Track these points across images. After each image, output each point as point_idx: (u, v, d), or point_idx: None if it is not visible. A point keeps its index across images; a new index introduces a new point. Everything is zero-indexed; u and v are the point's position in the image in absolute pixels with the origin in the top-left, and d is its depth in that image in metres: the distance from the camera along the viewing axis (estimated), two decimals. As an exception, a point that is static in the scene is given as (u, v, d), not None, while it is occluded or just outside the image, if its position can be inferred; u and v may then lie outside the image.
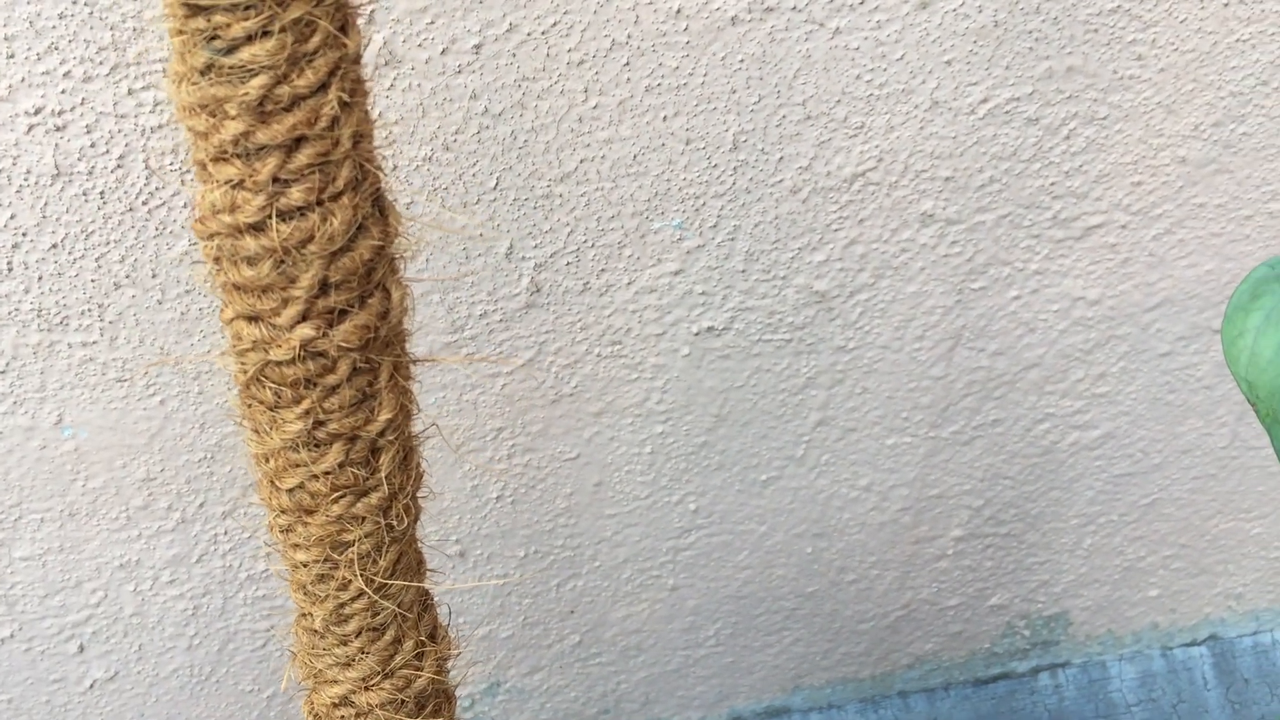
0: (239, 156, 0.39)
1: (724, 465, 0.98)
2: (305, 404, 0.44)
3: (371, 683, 0.52)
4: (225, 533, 0.88)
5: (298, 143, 0.39)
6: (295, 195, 0.39)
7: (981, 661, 1.23)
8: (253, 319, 0.42)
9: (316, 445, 0.45)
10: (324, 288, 0.41)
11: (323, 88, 0.38)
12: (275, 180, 0.39)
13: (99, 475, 0.83)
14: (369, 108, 0.42)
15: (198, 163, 0.40)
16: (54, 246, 0.72)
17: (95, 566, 0.88)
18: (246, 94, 0.37)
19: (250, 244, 0.40)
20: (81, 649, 0.92)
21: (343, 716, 0.53)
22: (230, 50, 0.37)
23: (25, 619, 0.89)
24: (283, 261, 0.40)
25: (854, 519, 1.06)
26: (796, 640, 1.15)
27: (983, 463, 1.05)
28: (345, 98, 0.39)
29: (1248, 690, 1.29)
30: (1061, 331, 0.97)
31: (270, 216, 0.39)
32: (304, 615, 0.51)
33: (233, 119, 0.38)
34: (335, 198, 0.40)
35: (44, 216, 0.71)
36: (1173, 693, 1.27)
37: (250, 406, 0.45)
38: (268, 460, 0.46)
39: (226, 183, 0.39)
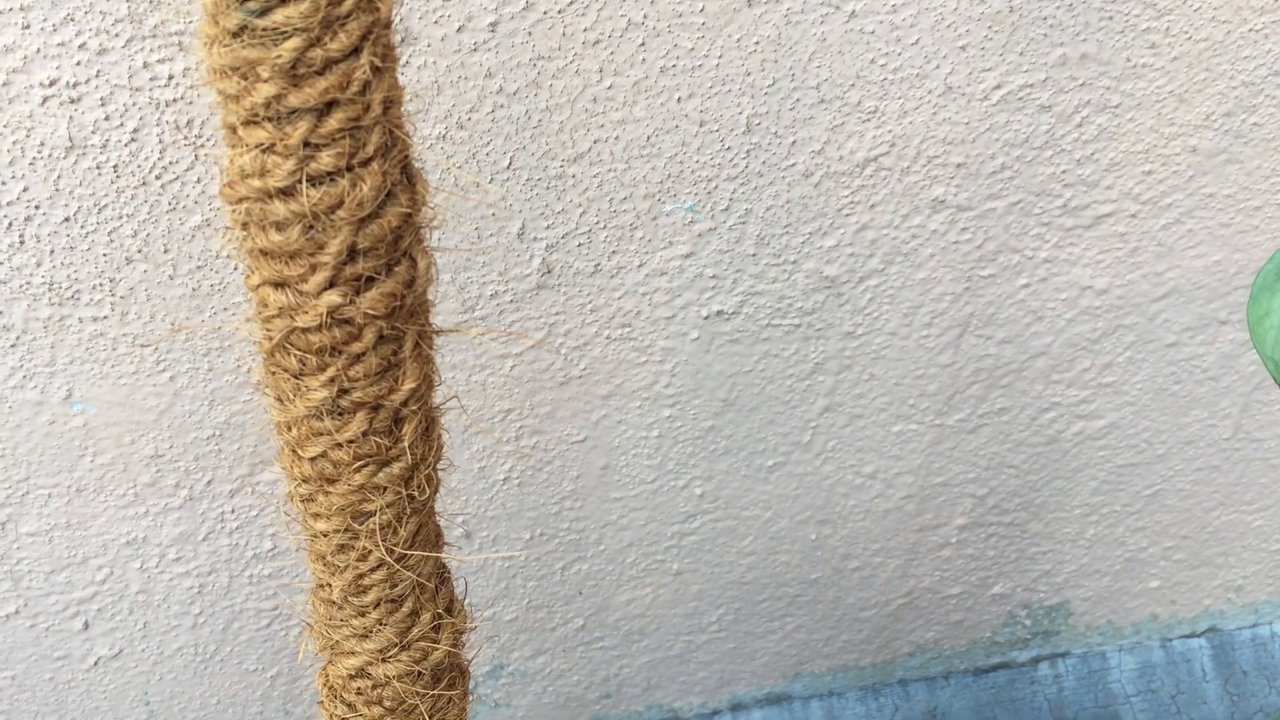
0: (270, 120, 0.39)
1: (730, 450, 0.98)
2: (330, 371, 0.44)
3: (389, 655, 0.52)
4: (232, 511, 0.88)
5: (329, 107, 0.39)
6: (325, 160, 0.39)
7: (982, 650, 1.23)
8: (279, 285, 0.42)
9: (340, 413, 0.45)
10: (352, 254, 0.41)
11: (355, 52, 0.38)
12: (306, 144, 0.39)
13: (107, 451, 0.83)
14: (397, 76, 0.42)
15: (227, 126, 0.40)
16: (66, 220, 0.72)
17: (102, 543, 0.88)
18: (279, 56, 0.37)
19: (279, 209, 0.40)
20: (86, 626, 0.92)
21: (359, 688, 0.53)
22: (264, 12, 0.37)
23: (30, 595, 0.89)
24: (311, 227, 0.40)
25: (858, 506, 1.06)
26: (798, 627, 1.15)
27: (988, 451, 1.05)
28: (377, 62, 0.39)
29: (1246, 682, 1.29)
30: (1069, 320, 0.97)
31: (300, 181, 0.39)
32: (322, 586, 0.51)
33: (265, 82, 0.38)
34: (365, 163, 0.40)
35: (57, 189, 0.71)
36: (1171, 684, 1.28)
37: (274, 374, 0.45)
38: (290, 429, 0.46)
39: (257, 146, 0.39)
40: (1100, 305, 0.97)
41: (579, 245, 0.82)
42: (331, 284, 0.41)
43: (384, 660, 0.52)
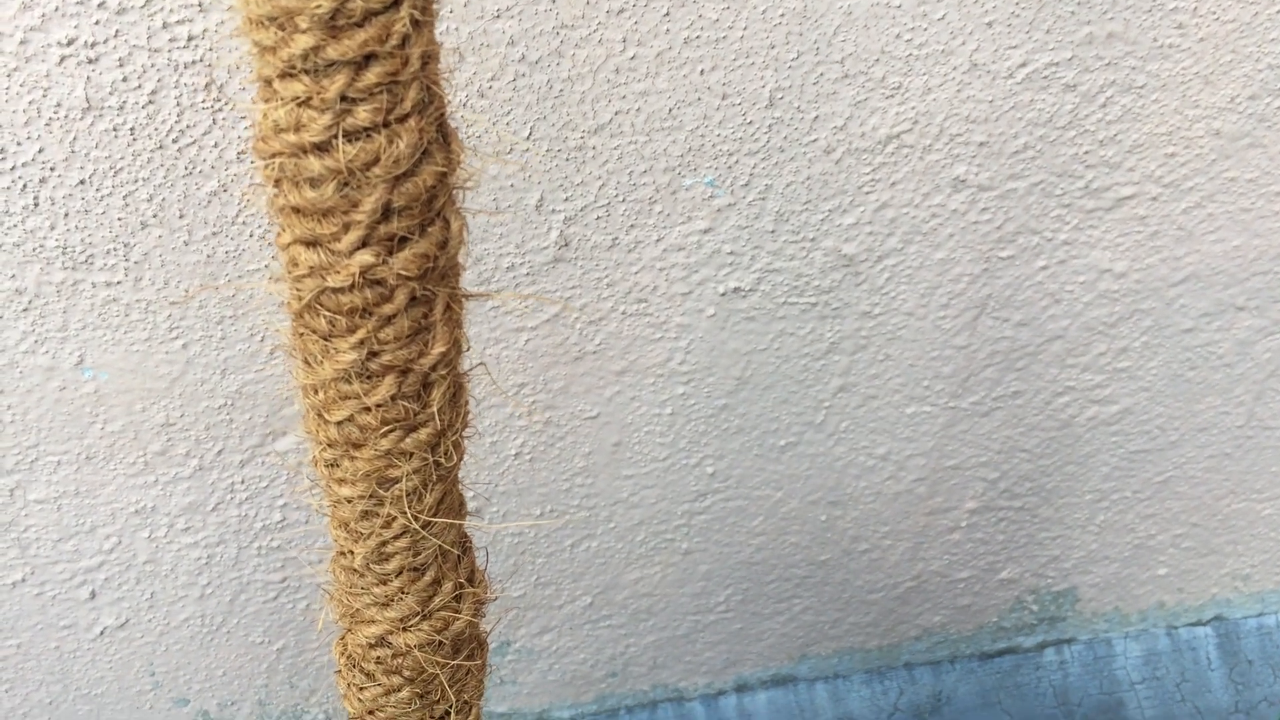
0: (307, 72, 0.38)
1: (743, 429, 0.97)
2: (360, 334, 0.43)
3: (410, 623, 0.51)
4: (242, 481, 0.88)
5: (367, 60, 0.38)
6: (362, 115, 0.38)
7: (988, 635, 1.23)
8: (311, 244, 0.41)
9: (369, 377, 0.44)
10: (386, 213, 0.40)
11: (395, 4, 0.37)
12: (343, 98, 0.38)
13: (118, 419, 0.82)
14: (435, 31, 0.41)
15: (262, 79, 0.39)
16: (81, 183, 0.71)
17: (110, 512, 0.87)
18: (319, 7, 0.36)
19: (314, 164, 0.39)
20: (93, 595, 0.92)
21: (379, 657, 0.52)
22: (304, -40, 0.36)
23: (38, 563, 0.89)
24: (346, 184, 0.39)
25: (869, 488, 1.05)
26: (806, 609, 1.14)
27: (1000, 435, 1.04)
28: (417, 15, 0.38)
29: (1251, 672, 1.29)
30: (1086, 304, 0.96)
31: (336, 136, 0.38)
32: (343, 553, 0.51)
33: (303, 33, 0.37)
34: (402, 119, 0.39)
35: (73, 151, 0.70)
36: (1176, 672, 1.28)
37: (302, 335, 0.44)
38: (317, 392, 0.45)
39: (293, 100, 0.38)
40: (1118, 289, 0.96)
41: (597, 218, 0.81)
42: (364, 243, 0.41)
43: (405, 629, 0.52)
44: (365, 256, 0.41)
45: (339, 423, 0.45)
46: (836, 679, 1.22)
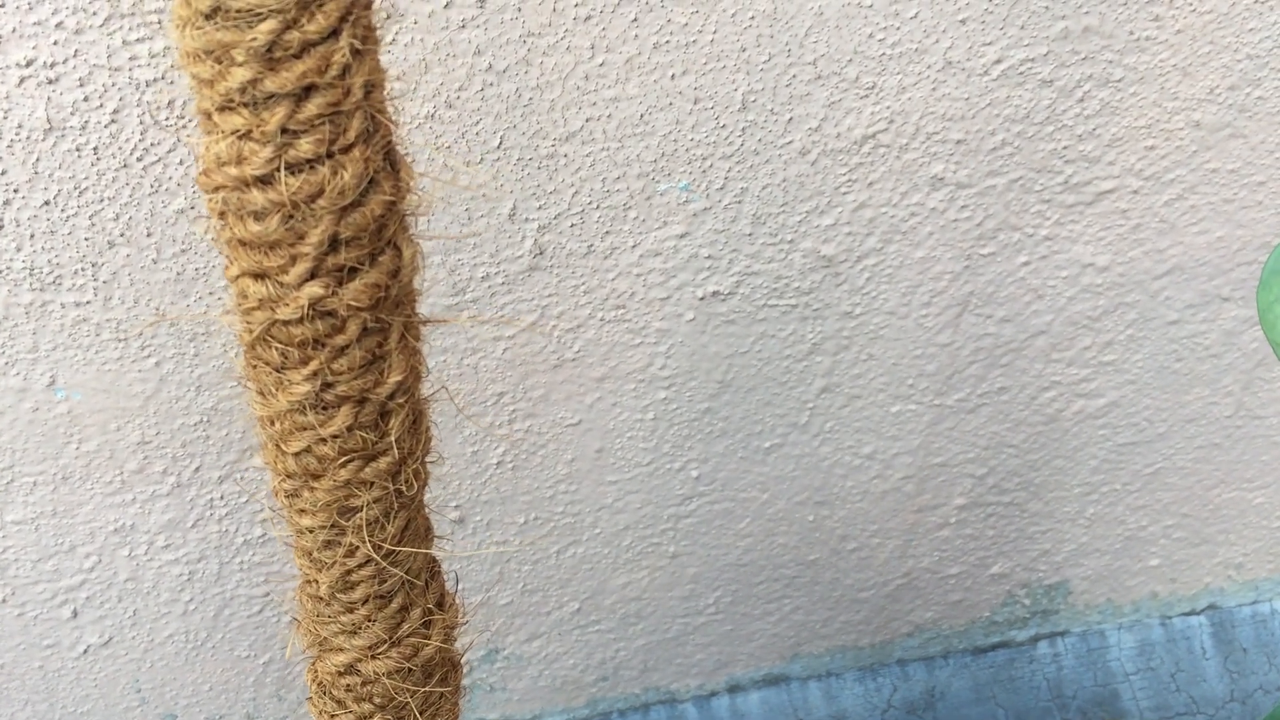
0: (246, 105, 0.37)
1: (727, 432, 0.97)
2: (313, 365, 0.42)
3: (378, 651, 0.51)
4: (221, 497, 0.87)
5: (307, 91, 0.37)
6: (304, 147, 0.38)
7: (981, 630, 1.22)
8: (259, 276, 0.40)
9: (324, 408, 0.43)
10: (334, 244, 0.40)
11: (334, 34, 0.37)
12: (284, 131, 0.37)
13: (93, 438, 0.81)
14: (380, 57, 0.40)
15: (202, 112, 0.38)
16: (46, 203, 0.70)
17: (89, 531, 0.86)
18: (254, 39, 0.36)
19: (257, 198, 0.38)
20: (75, 614, 0.91)
21: (348, 685, 0.52)
22: (238, -8, 0.35)
23: (18, 584, 0.88)
24: (291, 216, 0.39)
25: (857, 487, 1.05)
26: (796, 608, 1.14)
27: (987, 431, 1.04)
28: (357, 45, 0.37)
29: (1246, 660, 1.29)
30: (1070, 298, 0.95)
31: (278, 169, 0.38)
32: (308, 582, 0.50)
33: (240, 65, 0.36)
34: (346, 150, 0.38)
35: (36, 172, 0.69)
36: (1171, 662, 1.27)
37: (255, 368, 0.43)
38: (273, 423, 0.45)
39: (233, 133, 0.37)
40: (1101, 283, 0.95)
41: (571, 226, 0.81)
42: (313, 275, 0.40)
43: (373, 657, 0.51)
44: (314, 288, 0.40)
45: (296, 454, 0.45)
46: (830, 677, 1.22)
